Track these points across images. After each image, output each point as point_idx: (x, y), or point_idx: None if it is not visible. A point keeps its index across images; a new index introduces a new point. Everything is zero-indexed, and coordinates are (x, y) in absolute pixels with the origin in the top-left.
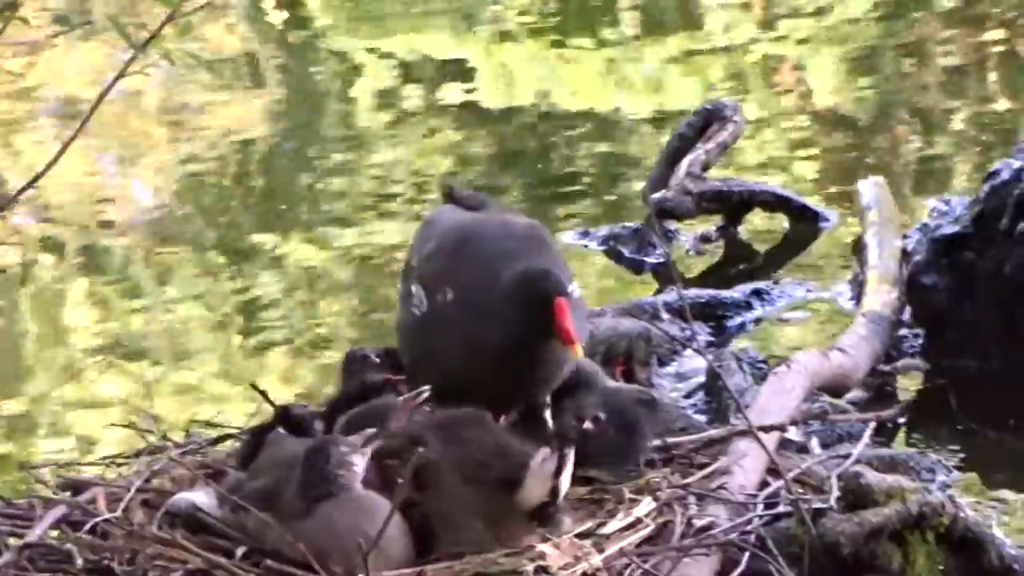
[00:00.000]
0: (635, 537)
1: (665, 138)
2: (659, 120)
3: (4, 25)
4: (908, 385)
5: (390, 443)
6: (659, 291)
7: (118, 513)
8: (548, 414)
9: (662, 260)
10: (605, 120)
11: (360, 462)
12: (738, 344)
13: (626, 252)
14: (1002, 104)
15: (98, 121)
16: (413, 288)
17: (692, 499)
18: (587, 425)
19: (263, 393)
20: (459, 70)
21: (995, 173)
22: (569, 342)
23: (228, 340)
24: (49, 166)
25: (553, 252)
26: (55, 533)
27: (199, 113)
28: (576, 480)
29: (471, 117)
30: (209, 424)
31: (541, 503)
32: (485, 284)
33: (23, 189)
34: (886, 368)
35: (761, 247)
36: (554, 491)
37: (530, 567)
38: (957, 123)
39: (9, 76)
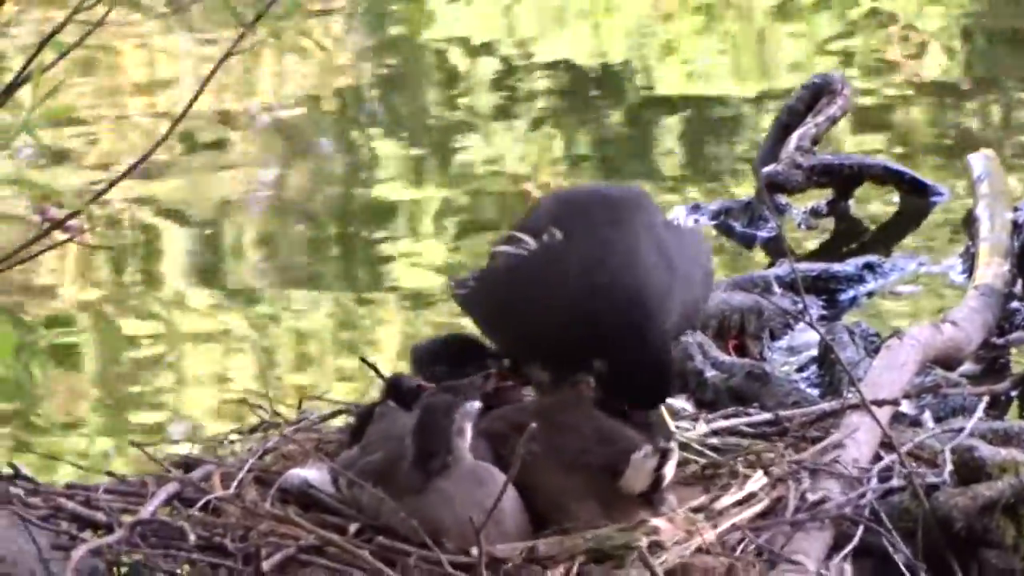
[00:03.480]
0: (749, 512)
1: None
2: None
3: (109, 8)
4: (1021, 358)
5: (494, 427)
6: (771, 264)
7: (231, 490)
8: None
9: (773, 233)
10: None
11: (469, 431)
12: (850, 317)
13: (737, 226)
14: None
15: None
16: (513, 235)
17: (805, 473)
18: None
19: (373, 367)
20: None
21: None
22: None
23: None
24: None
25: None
26: (167, 510)
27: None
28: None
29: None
30: (321, 399)
31: (644, 490)
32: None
33: (123, 175)
34: (998, 341)
35: (872, 221)
36: (657, 482)
37: (644, 541)
38: None
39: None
